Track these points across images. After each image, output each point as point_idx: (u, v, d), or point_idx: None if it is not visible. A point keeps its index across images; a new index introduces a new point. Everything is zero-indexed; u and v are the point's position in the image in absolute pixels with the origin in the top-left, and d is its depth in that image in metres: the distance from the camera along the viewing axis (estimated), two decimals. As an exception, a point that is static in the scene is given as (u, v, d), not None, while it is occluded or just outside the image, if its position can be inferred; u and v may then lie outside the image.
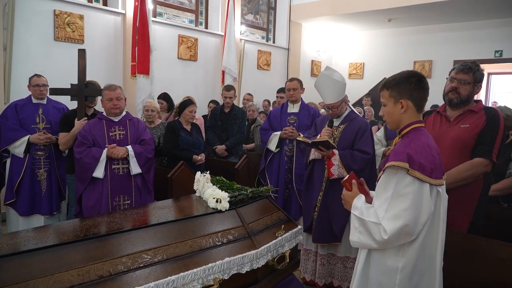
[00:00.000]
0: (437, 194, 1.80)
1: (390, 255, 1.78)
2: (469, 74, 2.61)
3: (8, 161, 4.04)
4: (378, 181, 1.86)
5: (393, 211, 1.71)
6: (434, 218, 1.80)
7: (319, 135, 3.45)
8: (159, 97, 5.93)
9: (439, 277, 1.83)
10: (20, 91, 4.85)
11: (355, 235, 1.83)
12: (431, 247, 1.81)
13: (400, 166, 1.71)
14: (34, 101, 4.10)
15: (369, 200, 1.91)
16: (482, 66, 2.72)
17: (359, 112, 6.49)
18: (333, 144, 3.29)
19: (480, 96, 10.02)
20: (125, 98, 3.65)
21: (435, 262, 1.82)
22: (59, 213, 4.22)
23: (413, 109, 1.88)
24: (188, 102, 4.46)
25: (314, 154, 3.47)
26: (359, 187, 1.95)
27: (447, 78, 2.74)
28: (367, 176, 3.33)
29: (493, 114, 2.60)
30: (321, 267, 3.47)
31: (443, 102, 2.78)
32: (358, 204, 1.85)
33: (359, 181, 1.97)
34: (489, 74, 10.61)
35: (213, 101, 6.81)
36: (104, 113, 3.57)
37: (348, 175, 1.99)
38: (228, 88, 5.31)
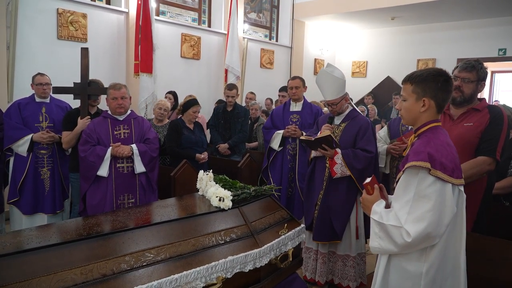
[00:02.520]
0: (458, 194, 1.75)
1: (412, 260, 1.73)
2: (472, 72, 2.59)
3: (12, 159, 4.05)
4: (396, 182, 1.80)
5: (416, 213, 1.65)
6: (457, 218, 1.75)
7: (319, 133, 3.45)
8: (169, 92, 5.96)
9: (464, 279, 1.79)
10: (23, 90, 4.85)
11: (375, 240, 1.77)
12: (454, 249, 1.76)
13: (422, 166, 1.65)
14: (37, 99, 4.11)
15: (387, 206, 1.85)
16: (486, 64, 2.71)
17: (362, 111, 6.49)
18: (335, 140, 3.28)
19: (484, 94, 9.97)
20: (130, 97, 3.65)
21: (459, 264, 1.77)
22: (62, 211, 4.23)
23: (434, 109, 1.82)
24: (193, 102, 4.44)
25: (316, 152, 3.46)
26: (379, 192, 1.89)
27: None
28: (370, 175, 3.33)
29: (497, 112, 2.59)
30: (321, 265, 3.47)
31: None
32: (377, 209, 1.80)
33: (380, 186, 1.92)
34: (492, 72, 10.56)
35: (220, 101, 6.83)
36: (109, 112, 3.58)
37: (370, 178, 1.92)
38: (230, 87, 5.31)
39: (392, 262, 1.80)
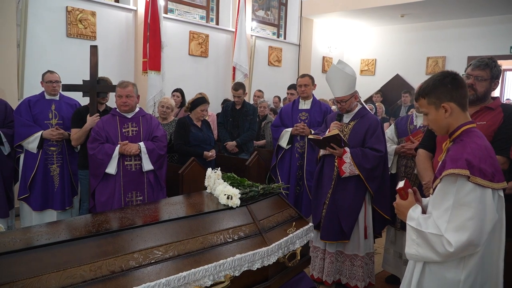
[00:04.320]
0: (498, 199, 1.70)
1: (449, 268, 1.68)
2: (486, 70, 2.56)
3: (22, 156, 4.09)
4: (433, 189, 1.76)
5: (456, 222, 1.60)
6: (497, 224, 1.70)
7: (327, 131, 3.42)
8: (176, 90, 5.98)
9: (501, 287, 1.75)
10: (33, 87, 4.90)
11: (413, 247, 1.72)
12: (493, 256, 1.72)
13: (461, 173, 1.60)
14: (47, 97, 4.14)
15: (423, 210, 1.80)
16: (499, 62, 2.67)
17: (370, 109, 6.44)
18: (344, 139, 3.26)
19: (495, 93, 9.85)
20: (138, 96, 3.66)
21: (497, 272, 1.74)
22: (71, 208, 4.26)
23: (457, 110, 1.77)
24: (201, 100, 4.42)
25: (324, 150, 3.44)
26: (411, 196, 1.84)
27: (463, 74, 2.70)
28: (379, 174, 3.31)
29: (511, 111, 2.55)
30: (329, 265, 3.44)
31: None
32: (414, 215, 1.74)
33: (413, 190, 1.87)
34: (504, 70, 10.43)
35: (225, 100, 6.84)
36: (118, 109, 3.59)
37: (403, 182, 1.87)
38: (236, 87, 5.28)
39: (428, 269, 1.75)
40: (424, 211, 1.79)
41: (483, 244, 1.64)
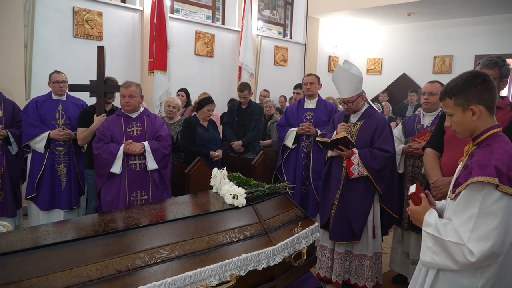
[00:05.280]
0: None
1: (466, 275, 1.62)
2: (495, 69, 2.53)
3: (29, 156, 4.12)
4: (455, 195, 1.66)
5: (480, 231, 1.53)
6: None
7: (335, 132, 3.41)
8: (180, 90, 6.00)
9: None
10: (40, 88, 4.93)
11: (428, 255, 1.65)
12: (511, 264, 1.65)
13: (490, 182, 1.52)
14: (54, 97, 4.17)
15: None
16: (509, 61, 2.64)
17: (377, 108, 6.42)
18: (352, 140, 3.24)
19: (503, 92, 9.76)
20: (142, 96, 3.67)
21: None
22: (78, 207, 4.29)
23: (486, 114, 1.69)
24: (208, 100, 4.43)
25: (332, 151, 3.43)
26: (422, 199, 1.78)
27: None
28: (388, 174, 3.30)
29: None
30: (339, 265, 3.43)
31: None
32: (431, 220, 1.67)
33: (425, 193, 1.81)
34: (512, 69, 10.33)
35: (232, 100, 6.84)
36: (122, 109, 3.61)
37: (414, 187, 1.80)
38: (242, 88, 5.26)
39: (442, 274, 1.69)
40: (439, 215, 1.73)
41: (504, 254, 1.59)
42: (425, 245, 1.68)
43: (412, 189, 1.81)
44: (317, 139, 3.51)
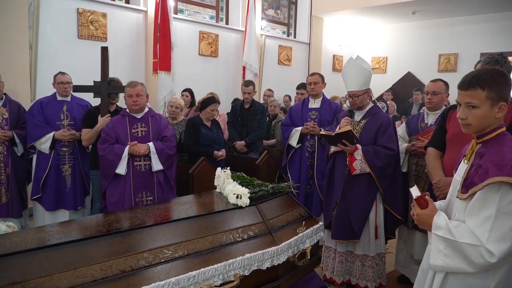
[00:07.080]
0: None
1: (478, 276, 1.60)
2: (496, 66, 2.51)
3: (35, 157, 4.14)
4: (469, 196, 1.62)
5: (499, 231, 1.51)
6: None
7: (338, 127, 3.39)
8: (185, 90, 6.01)
9: None
10: (45, 89, 4.96)
11: (439, 259, 1.61)
12: None
13: (509, 182, 1.49)
14: (59, 98, 4.19)
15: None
16: (510, 59, 2.62)
17: (382, 107, 6.39)
18: (356, 135, 3.22)
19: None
20: (147, 95, 3.68)
21: None
22: (83, 208, 4.31)
23: (505, 112, 1.65)
24: (212, 100, 4.42)
25: (335, 147, 3.41)
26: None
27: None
28: (391, 173, 3.28)
29: None
30: (339, 265, 3.41)
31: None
32: (441, 223, 1.62)
33: (426, 194, 1.76)
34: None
35: (235, 100, 6.84)
36: (127, 110, 3.62)
37: (417, 189, 1.77)
38: (247, 83, 5.28)
39: (452, 277, 1.66)
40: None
41: None
42: (435, 248, 1.63)
43: (416, 192, 1.77)
44: (321, 132, 3.49)
